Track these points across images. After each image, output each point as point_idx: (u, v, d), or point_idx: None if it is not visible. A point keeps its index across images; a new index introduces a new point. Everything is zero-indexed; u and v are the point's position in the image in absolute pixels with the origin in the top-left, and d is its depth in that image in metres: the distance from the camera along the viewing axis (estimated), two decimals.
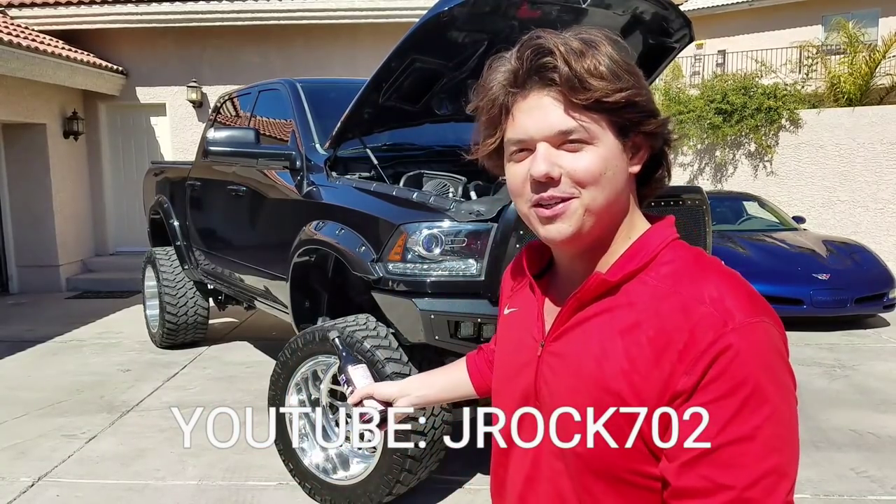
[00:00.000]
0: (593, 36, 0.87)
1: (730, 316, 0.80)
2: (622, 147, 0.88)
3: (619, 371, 0.84)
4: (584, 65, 0.84)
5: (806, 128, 10.33)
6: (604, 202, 0.87)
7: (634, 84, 0.86)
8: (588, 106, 0.85)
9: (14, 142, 9.00)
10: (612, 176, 0.87)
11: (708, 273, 0.86)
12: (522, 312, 1.03)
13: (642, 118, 0.88)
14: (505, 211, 2.89)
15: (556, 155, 0.86)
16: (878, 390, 4.94)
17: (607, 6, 3.17)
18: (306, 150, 3.87)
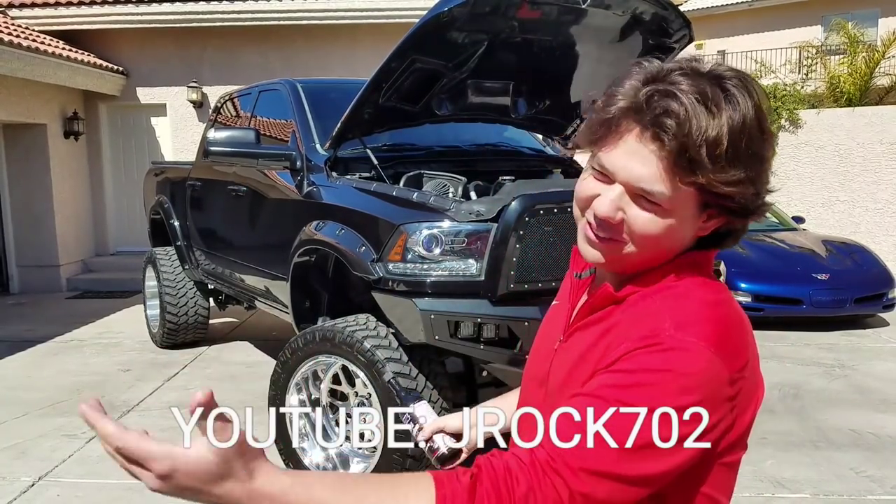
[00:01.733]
0: (737, 90, 0.80)
1: (664, 331, 0.81)
2: (696, 215, 0.86)
3: (587, 372, 0.88)
4: (704, 136, 0.78)
5: (805, 128, 10.34)
6: (647, 256, 0.88)
7: (748, 176, 0.81)
8: (684, 184, 0.81)
9: (14, 142, 9.00)
10: (667, 241, 0.87)
11: (690, 296, 0.86)
12: (560, 307, 1.07)
13: (737, 208, 0.84)
14: (505, 211, 2.90)
15: (627, 203, 0.86)
16: (878, 390, 4.95)
17: (607, 7, 3.17)
18: (306, 151, 3.87)
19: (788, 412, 4.53)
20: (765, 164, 0.83)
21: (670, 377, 0.79)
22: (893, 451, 3.91)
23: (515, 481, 0.78)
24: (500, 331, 2.90)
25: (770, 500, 3.35)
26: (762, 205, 0.86)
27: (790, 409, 4.60)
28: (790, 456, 3.84)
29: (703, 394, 0.79)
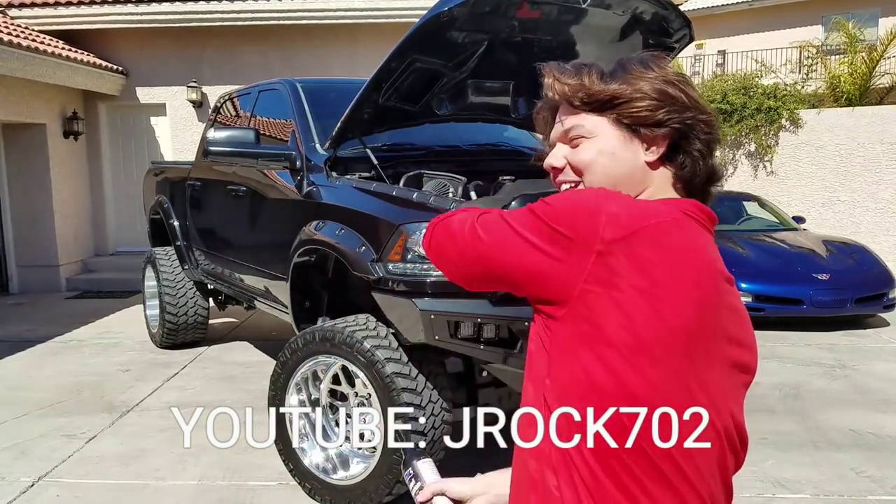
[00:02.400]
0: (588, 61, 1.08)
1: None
2: (628, 140, 1.03)
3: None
4: (570, 78, 1.05)
5: (806, 128, 10.34)
6: (605, 182, 1.02)
7: (625, 83, 1.01)
8: (581, 108, 1.04)
9: (14, 142, 9.00)
10: (606, 162, 1.03)
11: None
12: None
13: (637, 113, 1.01)
14: None
15: (568, 152, 1.07)
16: (878, 390, 4.95)
17: (607, 6, 3.17)
18: (306, 150, 3.87)
19: (789, 412, 4.53)
20: (639, 80, 1.02)
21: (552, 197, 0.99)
22: (894, 451, 3.91)
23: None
24: (500, 331, 2.89)
25: (770, 501, 3.35)
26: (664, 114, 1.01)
27: (790, 409, 4.60)
28: (790, 456, 3.84)
29: (564, 220, 0.93)
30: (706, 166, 1.05)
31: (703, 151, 1.04)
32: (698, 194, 1.06)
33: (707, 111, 1.04)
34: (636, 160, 1.04)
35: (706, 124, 1.03)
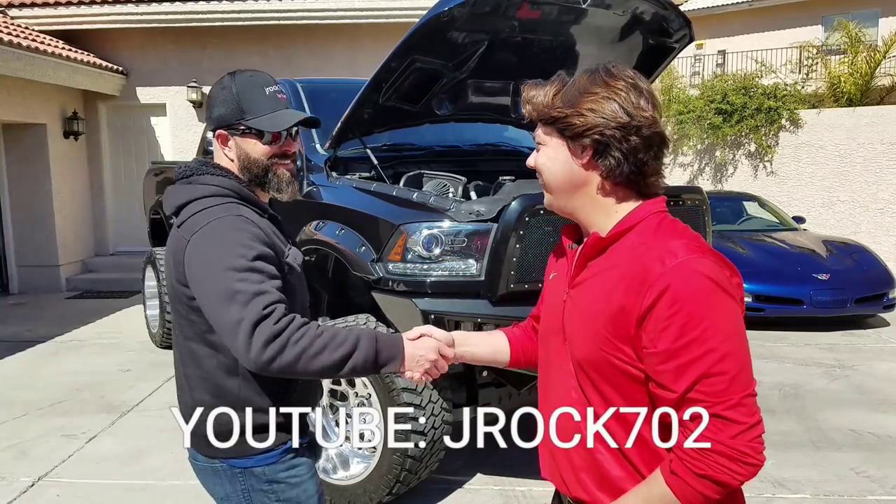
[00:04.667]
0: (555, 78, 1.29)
1: (670, 256, 1.11)
2: (570, 147, 1.24)
3: (604, 302, 1.17)
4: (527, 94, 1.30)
5: (806, 128, 10.34)
6: (550, 182, 1.29)
7: (566, 103, 1.22)
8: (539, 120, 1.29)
9: (14, 142, 9.00)
10: (552, 166, 1.28)
11: (669, 232, 1.18)
12: (559, 275, 1.38)
13: (565, 125, 1.23)
14: (505, 211, 2.89)
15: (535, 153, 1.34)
16: (878, 390, 4.95)
17: (607, 6, 3.17)
18: (306, 151, 3.87)
19: (789, 412, 4.53)
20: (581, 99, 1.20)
21: (710, 287, 1.15)
22: (894, 451, 3.91)
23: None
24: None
25: (770, 501, 3.35)
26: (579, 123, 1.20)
27: (790, 409, 4.60)
28: (790, 456, 3.84)
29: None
30: (629, 163, 1.20)
31: (623, 154, 1.20)
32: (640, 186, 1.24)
33: (637, 114, 1.18)
34: (573, 165, 1.25)
35: (625, 129, 1.18)
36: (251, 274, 1.44)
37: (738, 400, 1.07)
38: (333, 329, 1.45)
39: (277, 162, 1.62)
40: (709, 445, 1.07)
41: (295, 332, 1.40)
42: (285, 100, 1.62)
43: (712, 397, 1.07)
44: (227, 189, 1.58)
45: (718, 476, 1.08)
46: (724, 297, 1.10)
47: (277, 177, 1.62)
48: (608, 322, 1.16)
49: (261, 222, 1.56)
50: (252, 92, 1.59)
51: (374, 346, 1.45)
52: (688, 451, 1.08)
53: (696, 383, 1.08)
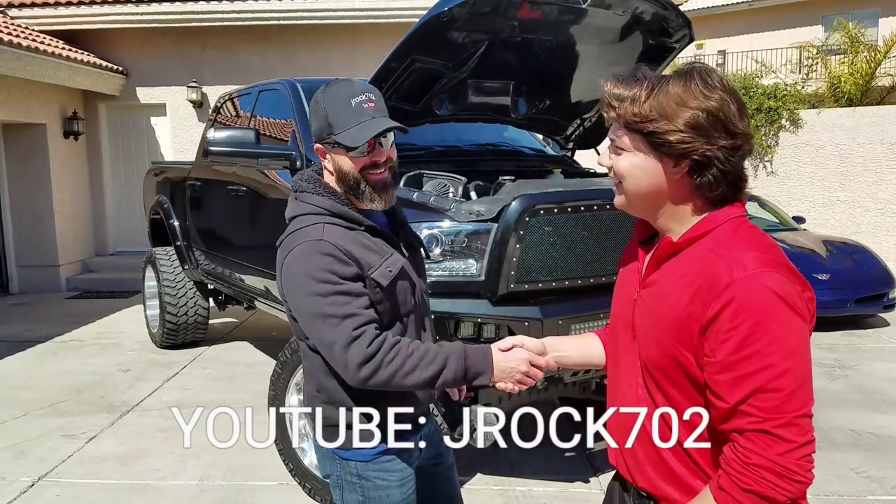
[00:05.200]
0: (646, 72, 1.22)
1: (741, 267, 1.10)
2: (658, 158, 1.20)
3: (670, 307, 1.19)
4: (613, 91, 1.21)
5: (806, 128, 10.33)
6: (635, 191, 1.24)
7: (663, 116, 1.16)
8: (623, 126, 1.21)
9: (14, 142, 9.00)
10: (639, 175, 1.22)
11: (741, 243, 1.16)
12: (630, 270, 1.39)
13: (663, 141, 1.17)
14: (505, 211, 2.89)
15: (613, 157, 1.27)
16: (878, 390, 4.95)
17: (607, 6, 3.17)
18: (306, 150, 3.86)
19: None
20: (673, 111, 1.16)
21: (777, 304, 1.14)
22: (894, 451, 3.91)
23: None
24: (500, 331, 2.89)
25: None
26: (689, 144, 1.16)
27: None
28: None
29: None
30: (727, 181, 1.20)
31: (723, 172, 1.18)
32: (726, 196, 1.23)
33: (738, 131, 1.17)
34: (662, 176, 1.21)
35: (730, 149, 1.17)
36: (337, 297, 1.56)
37: (790, 419, 1.07)
38: (424, 347, 1.57)
39: (368, 173, 1.65)
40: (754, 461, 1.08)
41: (388, 354, 1.53)
42: (373, 107, 1.63)
43: (764, 413, 1.07)
44: (321, 208, 1.68)
45: (765, 492, 1.08)
46: (789, 314, 1.09)
47: (370, 187, 1.66)
48: (674, 326, 1.17)
49: (348, 239, 1.63)
50: (337, 105, 1.63)
51: (463, 363, 1.55)
52: (735, 467, 1.10)
53: (749, 397, 1.08)
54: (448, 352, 1.56)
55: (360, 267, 1.61)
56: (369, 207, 1.70)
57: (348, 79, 1.73)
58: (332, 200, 1.68)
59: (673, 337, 1.18)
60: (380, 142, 1.65)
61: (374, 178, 1.66)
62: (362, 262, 1.62)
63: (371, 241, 1.67)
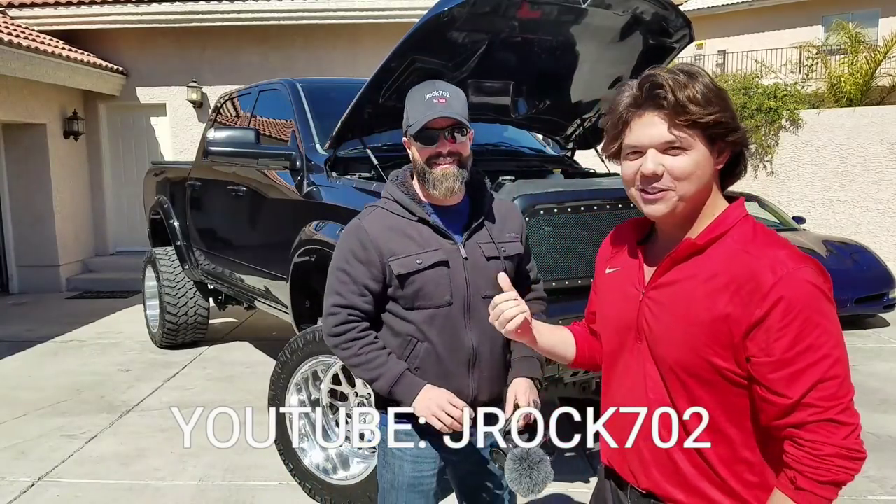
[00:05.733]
0: (694, 69, 1.21)
1: (780, 266, 1.14)
2: (710, 151, 1.21)
3: (704, 308, 1.18)
4: (686, 94, 1.17)
5: (806, 128, 10.33)
6: (693, 192, 1.21)
7: (721, 108, 1.18)
8: (688, 124, 1.18)
9: (14, 142, 9.00)
10: (700, 173, 1.21)
11: (766, 238, 1.20)
12: (623, 271, 1.37)
13: (726, 132, 1.20)
14: None
15: (662, 158, 1.20)
16: (878, 390, 4.94)
17: (607, 6, 3.16)
18: (306, 150, 3.87)
19: None
20: (727, 102, 1.20)
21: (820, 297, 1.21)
22: (894, 451, 3.91)
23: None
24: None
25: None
26: (742, 132, 1.22)
27: None
28: None
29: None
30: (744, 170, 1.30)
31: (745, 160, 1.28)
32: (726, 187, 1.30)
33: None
34: (712, 170, 1.23)
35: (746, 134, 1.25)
36: (340, 273, 1.84)
37: (847, 403, 1.12)
38: (375, 354, 1.82)
39: (433, 162, 1.80)
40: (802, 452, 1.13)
41: (346, 342, 1.83)
42: (443, 104, 1.78)
43: (826, 401, 1.11)
44: (388, 195, 1.89)
45: (839, 477, 1.12)
46: (829, 304, 1.16)
47: (434, 176, 1.81)
48: (708, 328, 1.17)
49: (389, 226, 1.83)
50: (414, 101, 1.83)
51: (389, 387, 1.81)
52: (808, 463, 1.12)
53: (811, 389, 1.11)
54: (386, 371, 1.80)
55: (380, 254, 1.80)
56: (434, 195, 1.83)
57: (433, 80, 1.87)
58: (400, 190, 1.87)
59: (708, 339, 1.17)
60: (447, 136, 1.79)
61: (438, 167, 1.80)
62: (384, 250, 1.80)
63: (419, 231, 1.82)
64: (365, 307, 1.83)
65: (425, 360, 1.84)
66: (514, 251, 1.93)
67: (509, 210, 2.00)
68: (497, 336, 1.81)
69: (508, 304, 1.39)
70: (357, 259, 1.81)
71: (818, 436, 1.11)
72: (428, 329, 1.83)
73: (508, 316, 1.37)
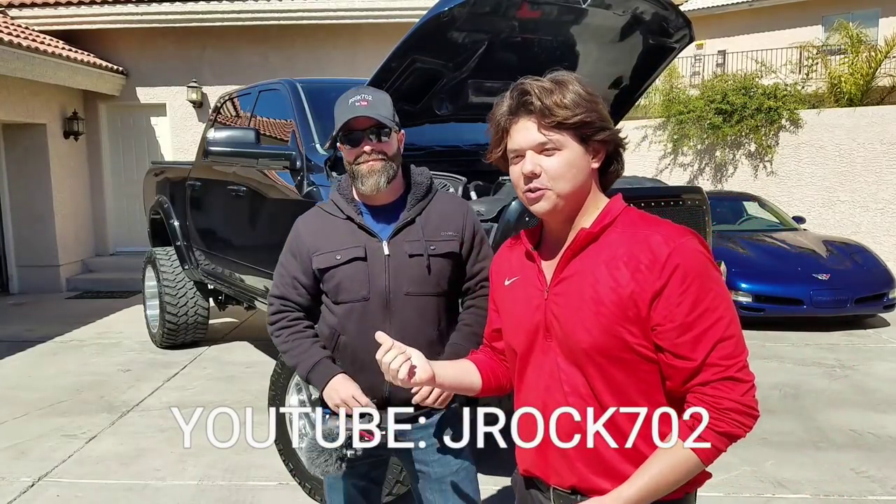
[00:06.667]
0: (563, 77, 1.29)
1: (671, 238, 1.22)
2: (584, 150, 1.29)
3: (609, 288, 1.24)
4: (552, 99, 1.25)
5: (806, 128, 10.33)
6: (569, 189, 1.29)
7: (587, 109, 1.26)
8: (554, 126, 1.26)
9: (14, 142, 9.00)
10: (575, 172, 1.29)
11: (652, 220, 1.29)
12: (523, 278, 1.41)
13: (595, 131, 1.28)
14: (505, 211, 2.89)
15: (539, 158, 1.29)
16: (878, 390, 4.94)
17: (607, 6, 3.16)
18: (306, 150, 3.86)
19: (789, 412, 4.53)
20: (596, 105, 1.28)
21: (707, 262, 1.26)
22: (894, 451, 3.91)
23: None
24: None
25: (770, 501, 3.35)
26: (611, 131, 1.30)
27: (790, 409, 4.60)
28: (790, 456, 3.84)
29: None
30: (621, 166, 1.37)
31: (620, 156, 1.36)
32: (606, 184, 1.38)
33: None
34: (589, 168, 1.31)
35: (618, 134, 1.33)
36: (279, 267, 2.01)
37: (744, 362, 1.21)
38: (297, 342, 1.96)
39: (358, 162, 1.88)
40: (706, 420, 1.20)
41: (276, 331, 1.99)
42: (365, 106, 1.86)
43: (726, 359, 1.19)
44: (330, 197, 1.98)
45: (734, 431, 1.20)
46: (716, 270, 1.24)
47: (360, 172, 1.88)
48: (615, 305, 1.22)
49: (319, 223, 1.95)
50: (339, 105, 1.89)
51: (306, 374, 1.96)
52: (710, 415, 1.19)
53: (713, 349, 1.19)
54: (305, 358, 1.93)
55: (307, 249, 1.92)
56: (362, 192, 1.91)
57: (361, 86, 1.96)
58: (337, 191, 1.98)
59: (616, 317, 1.22)
60: (369, 137, 1.87)
61: (361, 166, 1.87)
62: (310, 245, 1.92)
63: (344, 229, 1.91)
64: (297, 298, 1.96)
65: (343, 352, 1.94)
66: (445, 249, 1.93)
67: (454, 209, 2.01)
68: (421, 335, 1.88)
69: (389, 357, 1.36)
70: (290, 253, 1.96)
71: (719, 392, 1.18)
72: (346, 323, 1.91)
73: (394, 368, 1.35)
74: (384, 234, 1.90)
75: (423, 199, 1.97)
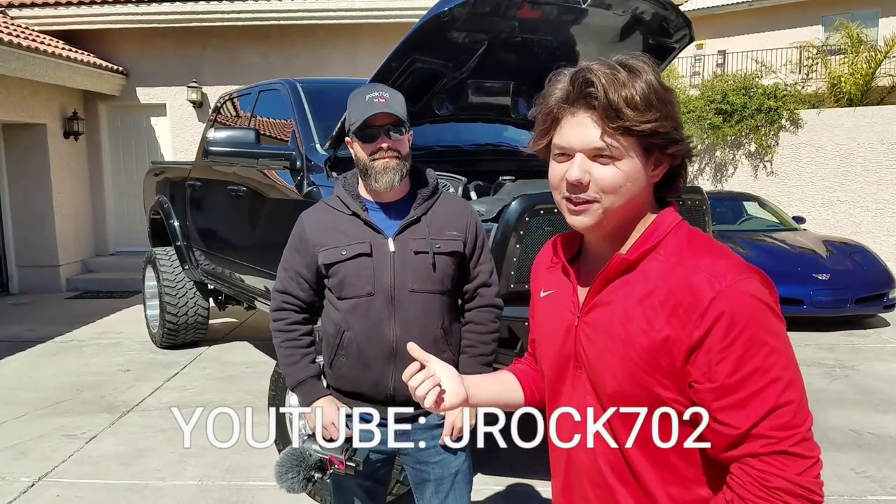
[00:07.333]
0: (638, 64, 1.06)
1: (719, 277, 1.00)
2: (644, 163, 1.07)
3: (640, 330, 1.04)
4: (622, 94, 1.02)
5: (806, 128, 10.34)
6: (620, 206, 1.07)
7: (662, 115, 1.04)
8: (619, 131, 1.03)
9: (14, 142, 9.00)
10: (630, 187, 1.06)
11: (703, 248, 1.07)
12: (558, 293, 1.23)
13: (665, 143, 1.06)
14: (505, 211, 2.89)
15: (590, 165, 1.06)
16: (878, 390, 4.95)
17: (607, 6, 3.16)
18: (306, 151, 3.86)
19: None
20: (672, 107, 1.06)
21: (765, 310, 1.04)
22: (894, 451, 3.91)
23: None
24: (500, 331, 2.89)
25: None
26: (683, 143, 1.08)
27: None
28: None
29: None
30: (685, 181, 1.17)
31: (685, 170, 1.15)
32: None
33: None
34: (645, 183, 1.10)
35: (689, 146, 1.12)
36: (283, 262, 2.04)
37: (803, 434, 0.98)
38: (290, 351, 2.01)
39: (373, 158, 1.87)
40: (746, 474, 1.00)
41: (275, 331, 2.03)
42: (384, 103, 1.87)
43: (779, 431, 0.97)
44: (335, 193, 1.99)
45: None
46: (777, 320, 1.01)
47: (375, 169, 1.87)
48: (646, 352, 1.04)
49: (324, 219, 1.95)
50: (355, 101, 1.89)
51: (293, 387, 2.03)
52: (753, 491, 0.98)
53: (764, 418, 0.97)
54: (293, 371, 1.99)
55: (312, 244, 1.94)
56: (375, 189, 1.90)
57: (375, 83, 1.97)
58: (343, 187, 1.97)
59: (646, 364, 1.04)
60: (386, 133, 1.86)
61: (377, 162, 1.86)
62: (315, 240, 1.94)
63: (350, 224, 1.91)
64: (299, 294, 1.99)
65: (349, 348, 1.94)
66: (449, 248, 1.94)
67: (459, 210, 2.02)
68: (426, 332, 1.88)
69: (416, 381, 1.17)
70: (294, 249, 1.99)
71: (768, 467, 0.97)
72: (351, 318, 1.92)
73: (420, 395, 1.17)
74: (390, 231, 1.91)
75: (429, 198, 1.98)
